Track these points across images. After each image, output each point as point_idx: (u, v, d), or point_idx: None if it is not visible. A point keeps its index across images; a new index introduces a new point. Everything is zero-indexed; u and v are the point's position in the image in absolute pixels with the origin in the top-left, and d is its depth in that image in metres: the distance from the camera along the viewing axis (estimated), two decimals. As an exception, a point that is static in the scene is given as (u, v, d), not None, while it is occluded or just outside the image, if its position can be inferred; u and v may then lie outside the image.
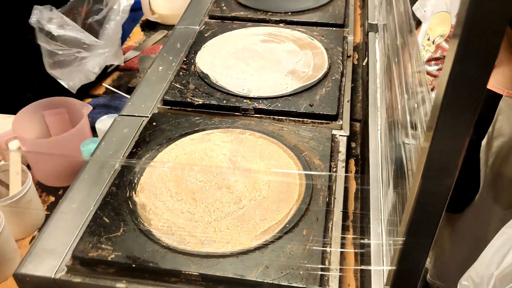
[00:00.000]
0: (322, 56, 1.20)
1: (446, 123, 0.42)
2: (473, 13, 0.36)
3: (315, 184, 0.86)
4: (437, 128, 0.42)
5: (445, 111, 0.41)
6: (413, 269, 0.50)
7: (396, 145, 0.83)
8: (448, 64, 0.39)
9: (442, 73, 0.41)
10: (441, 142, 0.43)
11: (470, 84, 0.40)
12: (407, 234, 0.48)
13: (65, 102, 1.20)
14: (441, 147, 0.43)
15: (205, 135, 0.97)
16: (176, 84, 1.10)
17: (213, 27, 1.33)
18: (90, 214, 0.82)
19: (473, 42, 0.37)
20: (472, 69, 0.39)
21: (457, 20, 0.38)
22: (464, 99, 0.41)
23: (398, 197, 0.69)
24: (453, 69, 0.39)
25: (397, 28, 1.02)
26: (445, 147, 0.43)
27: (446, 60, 0.40)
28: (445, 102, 0.41)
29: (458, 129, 0.42)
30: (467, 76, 0.39)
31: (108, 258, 0.73)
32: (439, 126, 0.42)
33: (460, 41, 0.37)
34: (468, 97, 0.40)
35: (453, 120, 0.42)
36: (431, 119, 0.43)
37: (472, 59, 0.39)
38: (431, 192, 0.46)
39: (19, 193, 0.97)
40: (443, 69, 0.41)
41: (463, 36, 0.37)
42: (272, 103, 1.04)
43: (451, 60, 0.39)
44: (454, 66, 0.39)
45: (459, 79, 0.40)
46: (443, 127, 0.42)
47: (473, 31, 0.37)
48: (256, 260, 0.74)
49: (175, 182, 0.86)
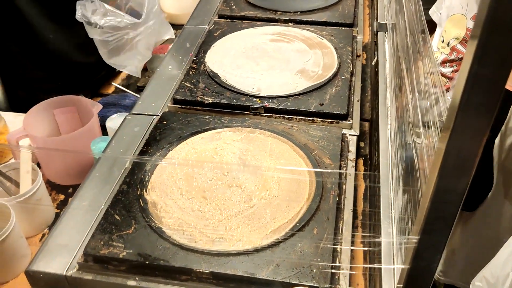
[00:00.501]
0: (332, 55, 1.20)
1: (463, 123, 0.42)
2: (492, 14, 0.36)
3: (325, 183, 0.86)
4: (454, 129, 0.42)
5: (462, 112, 0.41)
6: (427, 268, 0.50)
7: (406, 144, 0.83)
8: (466, 65, 0.39)
9: (460, 74, 0.41)
10: (458, 143, 0.43)
11: (488, 85, 0.40)
12: (422, 232, 0.47)
13: (75, 101, 1.20)
14: (457, 148, 0.43)
15: (215, 133, 0.97)
16: (186, 83, 1.11)
17: (223, 27, 1.34)
18: (101, 212, 0.83)
19: (492, 42, 0.37)
20: (491, 70, 0.39)
21: (475, 21, 0.38)
22: (482, 100, 0.40)
23: (409, 195, 0.69)
24: (471, 70, 0.39)
25: (407, 27, 1.02)
26: (461, 148, 0.43)
27: (464, 61, 0.40)
28: (463, 103, 0.40)
29: (476, 130, 0.42)
30: (485, 77, 0.39)
31: (119, 256, 0.74)
32: (456, 127, 0.42)
33: (479, 41, 0.37)
34: (486, 98, 0.40)
35: (470, 121, 0.42)
36: (447, 119, 0.43)
37: (490, 60, 0.38)
38: (446, 191, 0.46)
39: (29, 191, 0.97)
40: (460, 70, 0.41)
41: (482, 37, 0.37)
42: (282, 102, 1.04)
43: (469, 61, 0.38)
44: (472, 66, 0.39)
45: (477, 80, 0.39)
46: (460, 127, 0.42)
47: (492, 31, 0.37)
48: (266, 258, 0.74)
49: (185, 181, 0.86)
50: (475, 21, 0.38)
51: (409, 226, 0.62)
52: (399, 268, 0.60)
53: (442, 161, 0.44)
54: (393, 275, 0.68)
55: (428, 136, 0.68)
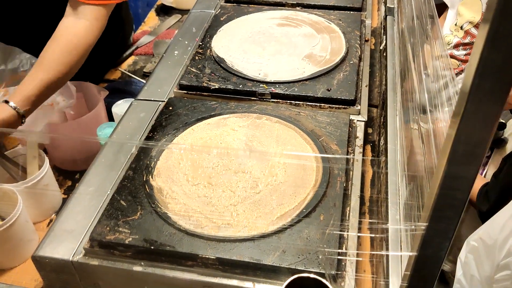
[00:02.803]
0: (340, 40, 1.18)
1: (474, 109, 0.41)
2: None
3: (332, 169, 0.85)
4: (464, 114, 0.41)
5: (473, 97, 0.40)
6: (434, 255, 0.50)
7: (411, 129, 0.82)
8: (477, 50, 0.38)
9: (471, 59, 0.39)
10: (468, 129, 0.42)
11: (499, 70, 0.38)
12: (430, 220, 0.47)
13: (82, 87, 1.20)
14: (467, 134, 0.42)
15: (221, 119, 0.96)
16: (192, 69, 1.10)
17: (229, 11, 1.32)
18: (107, 198, 0.82)
19: (504, 27, 0.36)
20: (502, 55, 0.38)
21: (487, 5, 0.37)
22: (493, 86, 0.39)
23: (415, 182, 0.68)
24: (482, 55, 0.38)
25: (414, 10, 1.00)
26: (471, 134, 0.42)
27: (475, 46, 0.38)
28: (473, 88, 0.39)
29: (486, 116, 0.41)
30: (496, 61, 0.38)
31: (125, 241, 0.74)
32: (467, 112, 0.41)
33: (491, 25, 0.36)
34: (497, 83, 0.39)
35: (481, 106, 0.40)
36: (458, 105, 0.42)
37: (502, 45, 0.37)
38: (456, 178, 0.45)
39: (36, 177, 0.98)
40: (471, 55, 0.40)
41: (494, 21, 0.36)
42: (289, 87, 1.03)
43: (481, 46, 0.37)
44: (483, 51, 0.37)
45: (488, 65, 0.38)
46: (471, 113, 0.41)
47: (504, 15, 0.36)
48: (272, 244, 0.73)
49: (191, 167, 0.86)
50: (487, 5, 0.37)
51: (416, 212, 0.61)
52: (407, 255, 0.59)
53: (452, 147, 0.43)
54: (400, 262, 0.68)
55: (436, 121, 0.66)
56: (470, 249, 0.91)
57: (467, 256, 0.92)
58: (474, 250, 0.90)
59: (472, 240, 0.91)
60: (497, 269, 0.84)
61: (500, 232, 0.86)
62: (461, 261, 0.93)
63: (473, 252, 0.90)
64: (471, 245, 0.91)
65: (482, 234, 0.89)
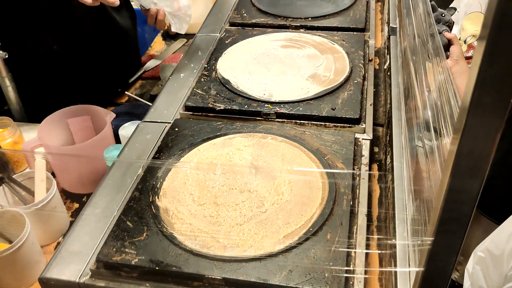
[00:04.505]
0: (343, 60, 1.19)
1: (474, 124, 0.41)
2: (502, 13, 0.35)
3: (338, 187, 0.85)
4: (465, 130, 0.41)
5: (473, 112, 0.40)
6: (442, 270, 0.49)
7: (416, 147, 0.81)
8: (475, 65, 0.38)
9: (469, 74, 0.40)
10: (469, 144, 0.42)
11: (499, 85, 0.39)
12: (436, 234, 0.46)
13: (89, 110, 1.22)
14: (469, 149, 0.43)
15: (226, 139, 0.97)
16: (198, 90, 1.11)
17: (234, 34, 1.34)
18: (113, 219, 0.83)
19: (500, 42, 0.37)
20: (500, 70, 0.38)
21: (484, 22, 0.37)
22: (492, 101, 0.40)
23: (422, 196, 0.67)
24: (480, 70, 0.38)
25: (415, 29, 1.00)
26: (473, 149, 0.43)
27: (473, 61, 0.39)
28: (473, 103, 0.40)
29: (487, 130, 0.41)
30: (495, 77, 0.38)
31: (131, 262, 0.73)
32: (467, 127, 0.41)
33: (487, 42, 0.36)
34: (496, 98, 0.39)
35: (481, 121, 0.41)
36: (458, 120, 0.42)
37: (500, 60, 0.38)
38: (459, 192, 0.45)
39: (44, 200, 0.98)
40: (470, 70, 0.40)
41: (490, 37, 0.36)
42: (293, 107, 1.04)
43: (479, 61, 0.38)
44: (482, 67, 0.38)
45: (486, 80, 0.39)
46: (471, 128, 0.41)
47: (500, 31, 0.36)
48: (279, 264, 0.73)
49: (197, 187, 0.86)
50: (483, 22, 0.37)
51: (422, 227, 0.60)
52: (414, 272, 0.59)
53: (454, 162, 0.43)
54: (409, 279, 0.67)
55: (439, 138, 0.66)
56: (477, 260, 0.89)
57: (475, 267, 0.90)
58: (481, 261, 0.88)
59: (479, 251, 0.90)
60: (505, 280, 0.83)
61: (507, 242, 0.84)
62: (469, 272, 0.92)
63: (480, 263, 0.88)
64: (478, 256, 0.89)
65: (489, 245, 0.88)
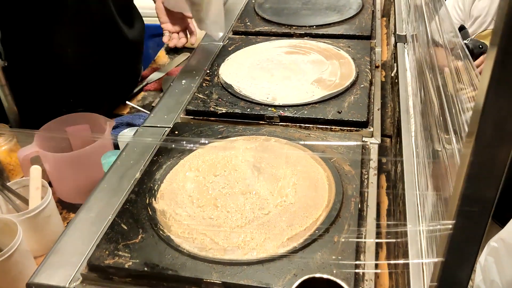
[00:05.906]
0: (349, 65, 1.16)
1: (488, 128, 0.39)
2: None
3: (345, 190, 0.80)
4: (478, 134, 0.39)
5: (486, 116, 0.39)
6: (463, 260, 0.44)
7: (434, 151, 0.77)
8: (488, 69, 0.37)
9: (482, 78, 0.38)
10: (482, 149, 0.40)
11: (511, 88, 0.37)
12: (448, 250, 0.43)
13: (88, 118, 1.18)
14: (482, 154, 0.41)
15: (228, 142, 0.93)
16: (199, 95, 1.08)
17: (237, 42, 1.32)
18: (108, 223, 0.78)
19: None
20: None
21: (494, 29, 0.36)
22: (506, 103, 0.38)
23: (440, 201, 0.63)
24: (493, 73, 0.37)
25: (430, 37, 0.97)
26: (486, 154, 0.41)
27: (486, 65, 0.37)
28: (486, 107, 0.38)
29: (501, 135, 0.39)
30: (508, 80, 0.37)
31: (125, 266, 0.69)
32: (480, 132, 0.39)
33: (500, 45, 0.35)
34: (509, 101, 0.38)
35: (495, 125, 0.39)
36: (471, 124, 0.40)
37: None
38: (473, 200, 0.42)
39: (37, 207, 0.94)
40: (482, 73, 0.38)
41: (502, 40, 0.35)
42: (298, 110, 1.00)
43: (491, 65, 0.36)
44: (494, 70, 0.37)
45: (500, 83, 0.37)
46: (484, 132, 0.39)
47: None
48: (283, 267, 0.68)
49: (196, 189, 0.81)
50: (495, 25, 0.36)
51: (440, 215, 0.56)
52: (429, 273, 0.54)
53: (468, 170, 0.41)
54: (423, 279, 0.62)
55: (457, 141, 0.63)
56: (490, 251, 0.83)
57: (487, 259, 0.84)
58: (494, 251, 0.82)
59: (493, 241, 0.84)
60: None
61: None
62: (481, 265, 0.85)
63: (494, 254, 0.82)
64: (492, 246, 0.84)
65: (503, 235, 0.82)
